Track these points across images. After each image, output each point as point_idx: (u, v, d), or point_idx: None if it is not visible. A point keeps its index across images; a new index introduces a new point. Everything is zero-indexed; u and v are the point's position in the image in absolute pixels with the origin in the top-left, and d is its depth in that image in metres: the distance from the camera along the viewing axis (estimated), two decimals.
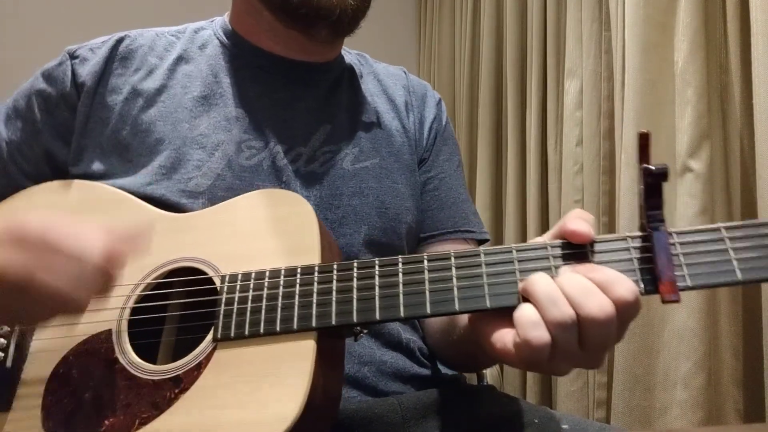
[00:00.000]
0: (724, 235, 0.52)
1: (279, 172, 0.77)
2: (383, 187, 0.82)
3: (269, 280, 0.60)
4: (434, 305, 0.54)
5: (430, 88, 0.97)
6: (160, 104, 0.78)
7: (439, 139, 0.92)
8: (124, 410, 0.57)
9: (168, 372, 0.58)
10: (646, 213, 0.53)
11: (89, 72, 0.79)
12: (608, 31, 1.58)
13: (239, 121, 0.79)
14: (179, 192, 0.73)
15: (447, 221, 0.88)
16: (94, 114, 0.78)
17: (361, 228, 0.78)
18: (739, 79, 1.26)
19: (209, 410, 0.55)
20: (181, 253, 0.65)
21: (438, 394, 0.75)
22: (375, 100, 0.89)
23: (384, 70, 0.95)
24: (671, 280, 0.51)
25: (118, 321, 0.62)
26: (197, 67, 0.82)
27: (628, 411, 1.34)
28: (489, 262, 0.55)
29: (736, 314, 1.25)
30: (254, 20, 0.82)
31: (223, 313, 0.59)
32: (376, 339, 0.77)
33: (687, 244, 0.52)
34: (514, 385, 1.93)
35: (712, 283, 0.51)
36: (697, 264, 0.52)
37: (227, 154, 0.76)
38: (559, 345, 0.49)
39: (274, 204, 0.66)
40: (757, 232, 0.52)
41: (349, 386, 0.73)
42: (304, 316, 0.57)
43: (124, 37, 0.83)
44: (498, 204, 2.13)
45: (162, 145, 0.76)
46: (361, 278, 0.57)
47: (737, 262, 0.51)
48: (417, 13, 2.85)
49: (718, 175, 1.27)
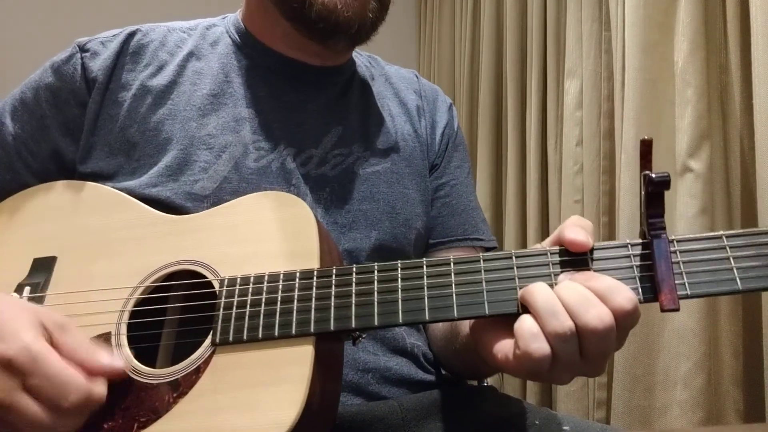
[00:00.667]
0: (726, 243, 0.52)
1: (288, 174, 0.76)
2: (394, 193, 0.81)
3: (268, 284, 0.59)
4: (433, 311, 0.54)
5: (442, 93, 0.96)
6: (169, 102, 0.77)
7: (451, 146, 0.91)
8: (123, 414, 0.57)
9: (166, 376, 0.58)
10: (647, 221, 0.52)
11: (101, 67, 0.77)
12: (608, 31, 1.58)
13: (248, 122, 0.77)
14: (185, 195, 0.72)
15: (457, 228, 0.87)
16: (103, 111, 0.76)
17: (371, 233, 0.77)
18: (739, 79, 1.25)
19: (207, 415, 0.54)
20: (180, 255, 0.64)
21: (438, 395, 0.75)
22: (387, 104, 0.88)
23: (396, 72, 0.94)
24: (671, 288, 0.50)
25: (117, 324, 0.62)
26: (208, 65, 0.80)
27: (628, 411, 1.34)
28: (488, 268, 0.55)
29: (736, 314, 1.25)
30: (269, 24, 0.81)
31: (222, 318, 0.59)
32: (381, 344, 0.76)
33: (687, 252, 0.52)
34: (514, 385, 1.93)
35: (712, 292, 0.51)
36: (697, 272, 0.51)
37: (234, 157, 0.75)
38: (560, 356, 0.49)
39: (273, 206, 0.65)
40: (759, 240, 0.51)
41: (351, 393, 0.72)
42: (302, 322, 0.56)
43: (135, 32, 0.81)
44: (498, 204, 2.13)
45: (170, 144, 0.74)
46: (359, 283, 0.57)
47: (738, 271, 0.50)
48: (417, 13, 2.85)
49: (718, 175, 1.27)
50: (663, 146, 1.32)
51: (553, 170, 1.82)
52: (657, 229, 0.52)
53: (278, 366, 0.55)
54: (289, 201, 0.66)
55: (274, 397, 0.54)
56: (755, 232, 0.52)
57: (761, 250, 0.51)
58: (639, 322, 1.48)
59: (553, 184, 1.81)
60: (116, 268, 0.65)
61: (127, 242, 0.67)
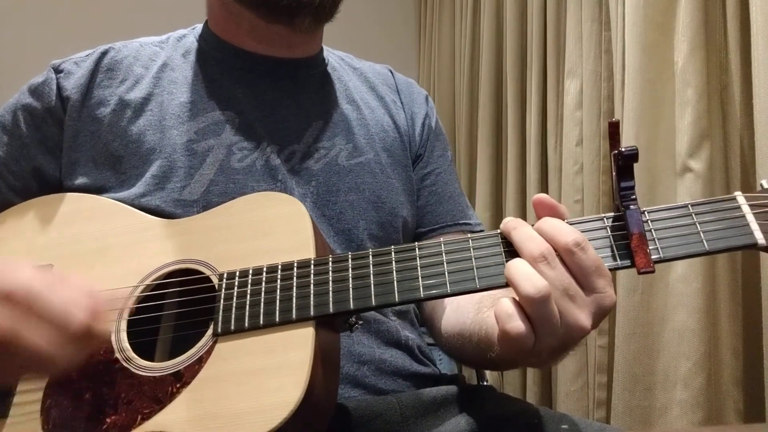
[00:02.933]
0: (691, 211, 0.57)
1: (273, 171, 0.77)
2: (378, 182, 0.83)
3: (267, 275, 0.61)
4: (427, 289, 0.57)
5: (416, 84, 0.99)
6: (148, 113, 0.79)
7: (432, 135, 0.94)
8: (126, 407, 0.57)
9: (169, 368, 0.59)
10: (620, 193, 0.56)
11: (74, 85, 0.79)
12: (608, 31, 1.58)
13: (228, 124, 0.79)
14: (173, 201, 0.73)
15: (446, 215, 0.90)
16: (83, 128, 0.78)
17: (359, 222, 0.79)
18: (739, 79, 1.26)
19: (211, 401, 0.55)
20: (178, 256, 0.66)
21: (437, 393, 0.75)
22: (364, 97, 0.90)
23: (370, 68, 0.96)
24: (645, 252, 0.55)
25: (117, 321, 0.63)
26: (182, 74, 0.82)
27: (628, 411, 1.34)
28: (477, 246, 0.58)
29: (736, 314, 1.25)
30: (234, 23, 0.82)
31: (223, 308, 0.60)
32: (376, 337, 0.78)
33: (658, 220, 0.57)
34: (514, 385, 1.93)
35: (682, 254, 0.55)
36: (668, 238, 0.56)
37: (218, 159, 0.76)
38: (539, 316, 0.52)
39: (267, 205, 0.67)
40: (721, 206, 0.57)
41: (349, 386, 0.73)
42: (302, 306, 0.58)
43: (108, 50, 0.84)
44: (498, 204, 2.13)
45: (153, 154, 0.76)
46: (355, 268, 0.60)
47: (704, 234, 0.56)
48: (417, 13, 2.85)
49: (718, 175, 1.27)
50: (663, 146, 1.32)
51: (553, 170, 1.82)
52: (629, 200, 0.56)
53: (280, 350, 0.56)
54: (283, 199, 0.67)
55: (278, 381, 0.55)
56: (716, 200, 0.57)
57: (723, 215, 0.56)
58: (639, 322, 1.47)
59: (553, 184, 1.81)
60: (114, 272, 0.66)
61: (123, 247, 0.68)
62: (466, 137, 2.31)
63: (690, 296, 1.25)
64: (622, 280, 1.37)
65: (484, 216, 2.09)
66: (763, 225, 0.55)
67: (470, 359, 0.81)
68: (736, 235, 0.55)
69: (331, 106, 0.85)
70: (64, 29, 2.21)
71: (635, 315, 1.34)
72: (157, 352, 0.65)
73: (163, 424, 0.55)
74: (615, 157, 0.55)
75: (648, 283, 1.33)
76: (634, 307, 1.34)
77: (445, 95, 2.50)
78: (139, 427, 0.56)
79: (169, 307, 0.66)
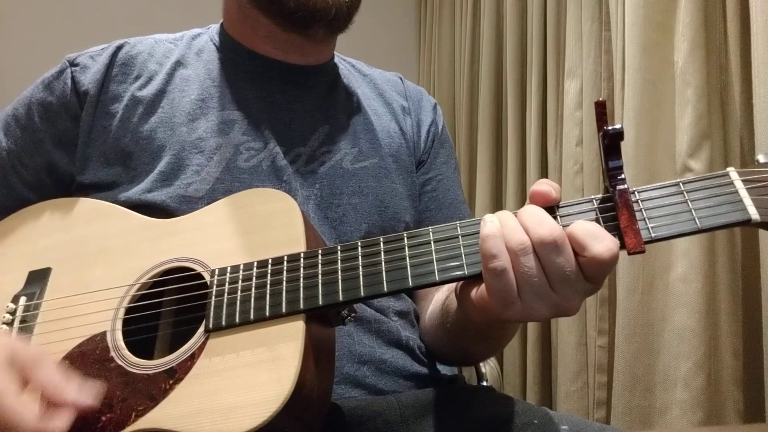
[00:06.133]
0: (683, 189, 0.55)
1: (279, 172, 0.78)
2: (382, 187, 0.83)
3: (257, 270, 0.61)
4: (416, 278, 0.57)
5: (426, 93, 1.00)
6: (160, 110, 0.79)
7: (437, 142, 0.94)
8: (121, 405, 0.57)
9: (162, 365, 0.59)
10: (608, 173, 0.55)
11: (91, 80, 0.79)
12: (608, 31, 1.58)
13: (237, 124, 0.80)
14: (179, 198, 0.74)
15: (444, 221, 0.89)
16: (97, 122, 0.79)
17: (362, 226, 0.80)
18: (739, 79, 1.25)
19: (204, 397, 0.56)
20: (172, 254, 0.66)
21: (437, 393, 0.75)
22: (372, 103, 0.91)
23: (380, 75, 0.97)
24: (635, 232, 0.53)
25: (113, 321, 0.63)
26: (195, 72, 0.83)
27: (628, 411, 1.34)
28: (465, 233, 0.58)
29: (736, 314, 1.25)
30: (250, 27, 0.83)
31: (214, 305, 0.60)
32: (377, 337, 0.78)
33: (648, 200, 0.55)
34: (513, 385, 1.93)
35: (673, 233, 0.54)
36: (659, 217, 0.54)
37: (225, 158, 0.77)
38: (521, 272, 0.52)
39: (258, 201, 0.67)
40: (713, 183, 0.55)
41: (349, 385, 0.73)
42: (292, 300, 0.59)
43: (123, 44, 0.84)
44: (498, 204, 2.13)
45: (163, 151, 0.76)
46: (344, 260, 0.60)
47: (696, 212, 0.54)
48: (417, 13, 2.85)
49: None
50: (663, 146, 1.32)
51: (553, 170, 1.82)
52: (617, 180, 0.55)
53: (271, 344, 0.57)
54: (274, 195, 0.68)
55: (269, 373, 0.55)
56: (709, 176, 0.55)
57: (716, 191, 0.54)
58: (639, 322, 1.47)
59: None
60: (110, 273, 0.67)
61: (119, 249, 0.69)
62: (466, 137, 2.31)
63: (690, 296, 1.25)
64: (623, 280, 1.37)
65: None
66: (757, 200, 0.53)
67: (443, 346, 0.83)
68: (729, 211, 0.53)
69: (338, 112, 0.86)
70: (69, 29, 2.21)
71: (635, 315, 1.34)
72: (156, 350, 0.65)
73: (157, 421, 0.56)
74: (602, 136, 0.54)
75: (648, 283, 1.33)
76: (634, 307, 1.34)
77: (445, 96, 2.50)
78: (133, 425, 0.56)
79: (164, 305, 0.67)
